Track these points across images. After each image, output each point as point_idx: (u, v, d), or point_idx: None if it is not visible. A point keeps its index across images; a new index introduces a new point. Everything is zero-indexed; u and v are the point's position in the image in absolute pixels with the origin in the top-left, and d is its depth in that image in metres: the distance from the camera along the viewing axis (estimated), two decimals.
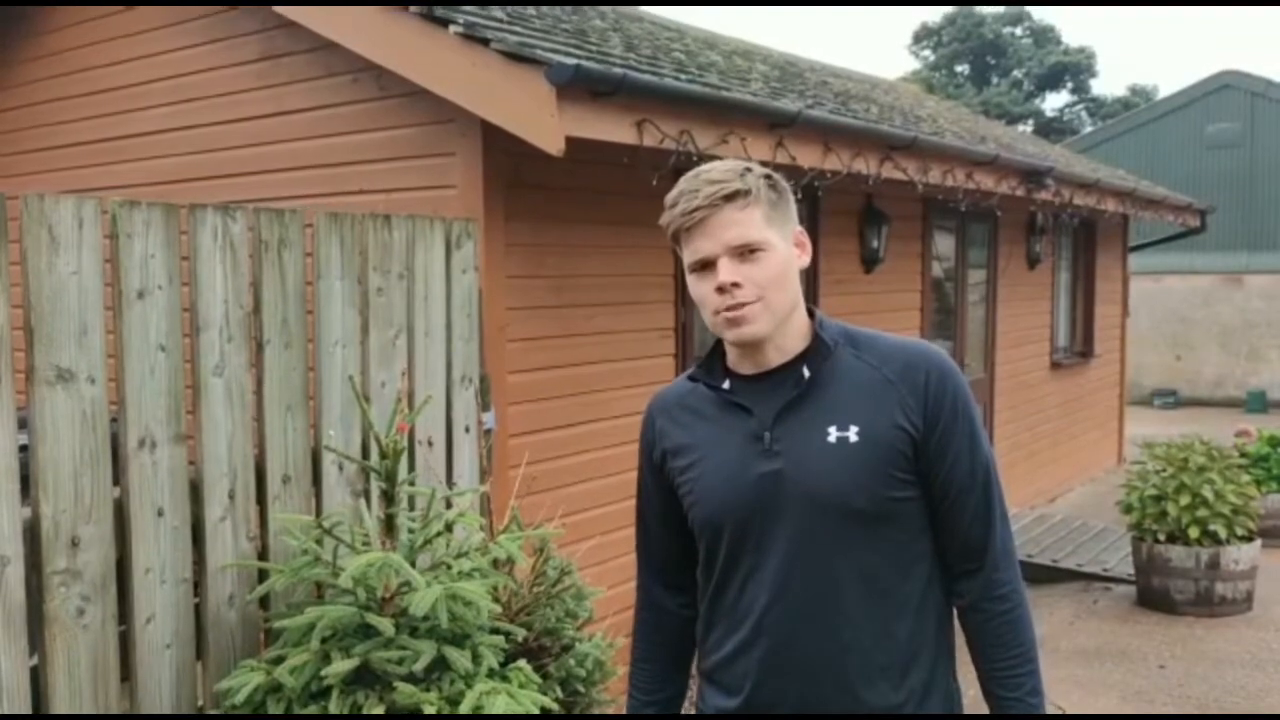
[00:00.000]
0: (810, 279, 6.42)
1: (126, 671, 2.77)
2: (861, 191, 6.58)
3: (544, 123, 3.80)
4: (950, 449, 1.76)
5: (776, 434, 1.76)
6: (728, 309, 1.72)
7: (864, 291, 6.94)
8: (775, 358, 1.80)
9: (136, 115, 5.60)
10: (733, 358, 1.85)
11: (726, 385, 1.84)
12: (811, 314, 1.85)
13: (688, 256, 1.77)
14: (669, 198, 1.78)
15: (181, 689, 2.91)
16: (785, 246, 1.77)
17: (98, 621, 2.67)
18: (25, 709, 2.50)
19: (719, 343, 1.87)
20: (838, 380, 1.78)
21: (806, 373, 1.78)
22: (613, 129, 4.06)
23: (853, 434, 1.73)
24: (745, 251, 1.71)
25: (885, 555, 1.76)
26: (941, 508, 1.78)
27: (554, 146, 3.78)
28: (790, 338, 1.80)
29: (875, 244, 6.83)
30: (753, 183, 1.74)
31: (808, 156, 5.12)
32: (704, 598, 1.90)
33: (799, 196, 1.89)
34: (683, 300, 5.44)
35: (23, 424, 2.54)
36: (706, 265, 1.74)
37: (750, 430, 1.78)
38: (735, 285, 1.71)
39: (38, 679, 2.56)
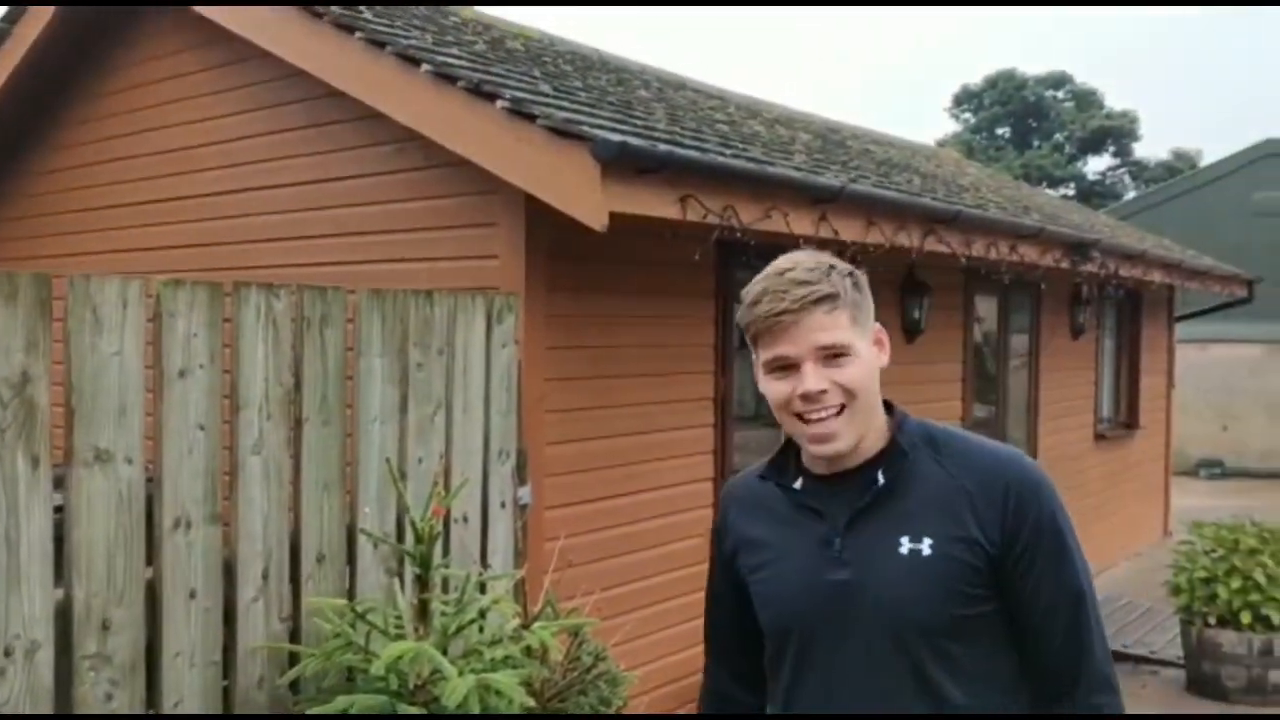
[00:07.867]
0: None
1: None
2: (903, 262, 6.53)
3: (589, 198, 3.79)
4: (1034, 569, 1.66)
5: (847, 541, 1.69)
6: (812, 419, 1.66)
7: (906, 362, 6.84)
8: (851, 459, 1.72)
9: (184, 178, 5.68)
10: (807, 456, 1.78)
11: (799, 485, 1.77)
12: (891, 410, 1.77)
13: (764, 354, 1.70)
14: (749, 293, 1.70)
15: None
16: (868, 348, 1.70)
17: (125, 706, 2.63)
18: None
19: (790, 440, 1.80)
20: (913, 487, 1.69)
21: (881, 478, 1.70)
22: (657, 205, 4.05)
23: (925, 546, 1.65)
24: (830, 355, 1.65)
25: (955, 673, 1.66)
26: (1026, 628, 1.69)
27: (598, 222, 3.77)
28: (869, 439, 1.72)
29: (916, 314, 6.76)
30: (839, 284, 1.67)
31: (850, 230, 5.08)
32: (772, 699, 1.83)
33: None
34: (722, 370, 5.39)
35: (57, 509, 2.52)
36: (787, 366, 1.68)
37: (821, 535, 1.71)
38: (822, 393, 1.65)
39: None
